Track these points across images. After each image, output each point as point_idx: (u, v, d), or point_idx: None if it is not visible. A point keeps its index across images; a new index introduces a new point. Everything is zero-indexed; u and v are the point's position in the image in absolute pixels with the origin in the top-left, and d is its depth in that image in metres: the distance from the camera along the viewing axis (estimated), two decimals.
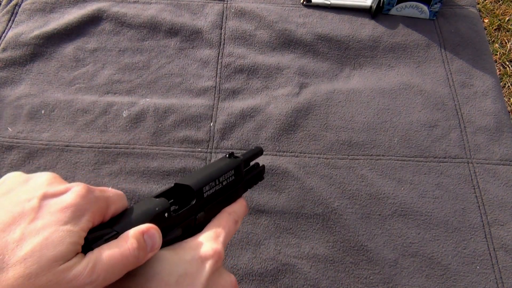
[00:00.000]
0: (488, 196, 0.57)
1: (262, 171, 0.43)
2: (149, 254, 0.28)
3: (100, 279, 0.25)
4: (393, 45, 0.71)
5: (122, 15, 0.72)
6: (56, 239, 0.24)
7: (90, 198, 0.27)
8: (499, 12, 1.71)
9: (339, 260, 0.52)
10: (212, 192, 0.36)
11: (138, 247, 0.27)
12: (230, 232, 0.36)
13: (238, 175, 0.39)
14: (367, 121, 0.63)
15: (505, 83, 1.53)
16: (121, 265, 0.26)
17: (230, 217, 0.37)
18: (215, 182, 0.36)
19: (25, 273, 0.23)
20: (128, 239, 0.27)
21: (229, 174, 0.38)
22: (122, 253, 0.26)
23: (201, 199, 0.35)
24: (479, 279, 0.51)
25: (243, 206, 0.39)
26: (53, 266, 0.23)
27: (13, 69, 0.66)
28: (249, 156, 0.42)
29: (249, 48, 0.70)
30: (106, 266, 0.25)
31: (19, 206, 0.25)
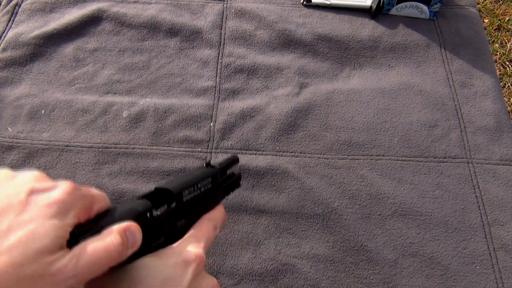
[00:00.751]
0: (488, 196, 0.57)
1: (238, 179, 0.44)
2: (129, 250, 0.29)
3: (83, 273, 0.26)
4: (393, 45, 0.71)
5: (122, 15, 0.72)
6: (42, 232, 0.24)
7: (76, 195, 0.27)
8: (499, 12, 1.71)
9: (339, 260, 0.52)
10: (191, 197, 0.37)
11: (121, 242, 0.27)
12: (210, 238, 0.37)
13: (215, 183, 0.41)
14: (367, 121, 0.63)
15: (505, 83, 1.53)
16: (105, 259, 0.27)
17: (210, 223, 0.38)
18: (194, 188, 0.38)
19: (11, 262, 0.23)
20: (112, 234, 0.27)
21: (206, 181, 0.40)
22: (105, 248, 0.27)
23: (181, 202, 0.36)
24: (479, 279, 0.51)
25: (221, 213, 0.41)
26: (38, 258, 0.24)
27: (13, 69, 0.66)
28: (225, 165, 0.43)
29: (249, 48, 0.70)
30: (90, 260, 0.26)
31: (7, 199, 0.25)
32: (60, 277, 0.25)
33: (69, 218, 0.26)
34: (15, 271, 0.23)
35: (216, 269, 0.50)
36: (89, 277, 0.26)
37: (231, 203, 0.55)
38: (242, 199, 0.55)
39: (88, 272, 0.26)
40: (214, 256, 0.51)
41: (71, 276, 0.25)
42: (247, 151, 0.59)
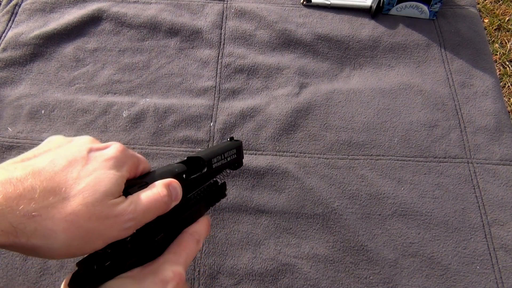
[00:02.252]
0: (488, 196, 0.57)
1: (223, 188, 0.43)
2: (173, 203, 0.33)
3: (139, 217, 0.30)
4: (393, 45, 0.71)
5: (122, 15, 0.72)
6: (106, 179, 0.29)
7: (127, 154, 0.32)
8: (499, 12, 1.71)
9: (339, 260, 0.52)
10: (219, 164, 0.41)
11: (167, 193, 0.32)
12: (191, 253, 0.35)
13: (239, 154, 0.44)
14: (367, 121, 0.63)
15: (505, 83, 1.53)
16: (155, 208, 0.31)
17: (191, 238, 0.36)
18: (221, 157, 0.41)
19: (84, 202, 0.27)
20: (158, 186, 0.32)
21: (232, 152, 0.43)
22: (155, 197, 0.31)
23: (211, 168, 0.39)
24: (479, 279, 0.51)
25: (204, 225, 0.38)
26: (104, 200, 0.28)
27: (13, 69, 0.66)
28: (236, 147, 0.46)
29: (249, 48, 0.70)
30: (144, 207, 0.30)
31: (71, 155, 0.30)
32: (122, 219, 0.29)
33: (124, 171, 0.31)
34: (87, 209, 0.27)
35: (216, 269, 0.50)
36: (142, 223, 0.30)
37: (231, 203, 0.55)
38: (242, 199, 0.55)
39: (143, 217, 0.30)
40: (214, 256, 0.51)
41: (130, 218, 0.29)
42: (247, 151, 0.59)
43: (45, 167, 0.28)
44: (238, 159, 0.45)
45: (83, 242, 0.28)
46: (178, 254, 0.34)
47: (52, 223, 0.26)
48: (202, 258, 0.51)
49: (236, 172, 0.57)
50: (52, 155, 0.30)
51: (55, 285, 0.49)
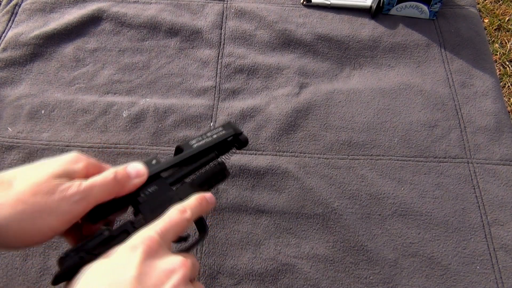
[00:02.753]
0: (488, 196, 0.57)
1: (221, 166, 0.45)
2: (136, 179, 0.37)
3: (86, 192, 0.34)
4: (393, 45, 0.71)
5: (122, 15, 0.72)
6: (51, 164, 0.35)
7: (80, 157, 0.37)
8: (499, 12, 1.71)
9: (339, 260, 0.52)
10: (202, 143, 0.44)
11: (113, 176, 0.36)
12: (173, 221, 0.35)
13: (228, 129, 0.46)
14: (367, 121, 0.63)
15: (505, 83, 1.53)
16: (101, 185, 0.35)
17: (174, 209, 0.37)
18: (203, 137, 0.44)
19: (29, 182, 0.32)
20: (108, 171, 0.37)
21: (217, 130, 0.46)
22: (103, 177, 0.36)
23: (190, 148, 0.43)
24: (479, 279, 0.51)
25: (194, 199, 0.39)
26: (49, 179, 0.33)
27: (13, 69, 0.66)
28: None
29: (249, 48, 0.70)
30: (90, 184, 0.34)
31: None
32: (68, 193, 0.33)
33: (72, 163, 0.36)
34: (32, 187, 0.32)
35: (216, 269, 0.50)
36: (94, 198, 0.34)
37: (231, 203, 0.55)
38: (242, 199, 0.55)
39: (90, 192, 0.34)
40: (214, 256, 0.51)
41: (76, 192, 0.33)
42: (247, 151, 0.59)
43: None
44: (231, 134, 0.46)
45: (34, 217, 0.32)
46: (153, 223, 0.35)
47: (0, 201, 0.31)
48: (202, 258, 0.51)
49: (236, 172, 0.57)
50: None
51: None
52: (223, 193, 0.55)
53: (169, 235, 0.34)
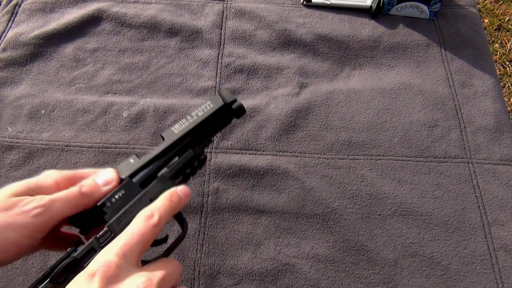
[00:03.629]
0: (488, 196, 0.57)
1: (195, 154, 0.41)
2: (104, 187, 0.37)
3: (48, 205, 0.34)
4: (393, 45, 0.71)
5: (122, 15, 0.72)
6: (11, 186, 0.35)
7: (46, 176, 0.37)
8: (499, 12, 1.71)
9: (339, 260, 0.52)
10: (182, 127, 0.40)
11: (78, 190, 0.36)
12: (136, 233, 0.33)
13: (216, 103, 0.42)
14: (367, 121, 0.63)
15: (505, 83, 1.53)
16: (67, 199, 0.35)
17: (140, 216, 0.34)
18: (183, 121, 0.41)
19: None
20: (74, 187, 0.36)
21: (198, 110, 0.42)
22: (68, 191, 0.35)
23: (172, 135, 0.40)
24: (479, 279, 0.51)
25: (161, 199, 0.36)
26: (9, 197, 0.34)
27: (13, 69, 0.66)
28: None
29: (249, 48, 0.70)
30: (52, 198, 0.34)
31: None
32: (28, 207, 0.33)
33: (34, 182, 0.36)
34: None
35: (216, 269, 0.50)
36: (56, 212, 0.34)
37: (231, 203, 0.55)
38: (242, 199, 0.55)
39: (52, 206, 0.34)
40: (214, 256, 0.51)
41: (36, 206, 0.33)
42: (247, 151, 0.59)
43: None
44: (218, 107, 0.42)
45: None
46: (113, 242, 0.33)
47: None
48: (202, 258, 0.51)
49: (236, 172, 0.57)
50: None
51: None
52: (223, 193, 0.55)
53: (133, 251, 0.32)
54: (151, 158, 0.39)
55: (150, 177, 0.39)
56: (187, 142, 0.41)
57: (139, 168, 0.38)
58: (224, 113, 0.43)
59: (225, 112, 0.43)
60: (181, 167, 0.40)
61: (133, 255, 0.32)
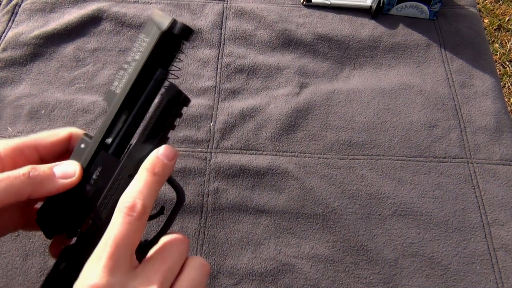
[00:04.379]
0: (488, 196, 0.57)
1: (172, 95, 0.32)
2: (61, 181, 0.31)
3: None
4: (393, 45, 0.71)
5: (122, 15, 0.72)
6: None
7: None
8: (499, 12, 1.71)
9: (339, 260, 0.52)
10: (123, 82, 0.32)
11: (29, 171, 0.30)
12: (120, 237, 0.28)
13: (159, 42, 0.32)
14: (367, 121, 0.63)
15: (505, 83, 1.53)
16: (8, 181, 0.29)
17: (119, 211, 0.28)
18: (122, 71, 0.32)
19: None
20: (27, 166, 0.31)
21: (138, 43, 0.32)
22: (12, 172, 0.30)
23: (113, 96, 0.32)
24: (479, 279, 0.51)
25: (143, 176, 0.30)
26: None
27: (13, 69, 0.66)
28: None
29: (249, 48, 0.70)
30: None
31: None
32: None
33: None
34: None
35: (216, 269, 0.50)
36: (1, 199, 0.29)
37: (231, 203, 0.55)
38: (242, 199, 0.55)
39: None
40: (214, 256, 0.51)
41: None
42: (247, 151, 0.59)
43: None
44: (158, 37, 0.32)
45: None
46: (97, 252, 0.28)
47: None
48: None
49: (236, 172, 0.57)
50: None
51: None
52: (223, 193, 0.55)
53: (122, 259, 0.28)
54: (109, 125, 0.32)
55: (123, 144, 0.32)
56: (151, 88, 0.33)
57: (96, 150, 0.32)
58: (167, 42, 0.33)
59: (168, 41, 0.33)
60: (157, 119, 0.32)
61: (123, 263, 0.28)
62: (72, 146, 0.36)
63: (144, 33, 0.33)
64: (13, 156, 0.32)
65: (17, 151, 0.32)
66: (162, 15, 0.32)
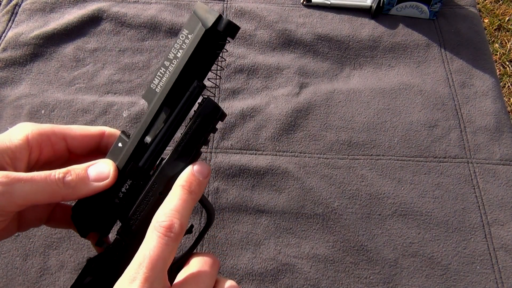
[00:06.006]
0: (488, 196, 0.57)
1: (209, 110, 0.30)
2: (95, 184, 0.30)
3: (9, 186, 0.27)
4: (393, 45, 0.71)
5: (122, 15, 0.72)
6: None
7: None
8: (499, 12, 1.71)
9: (339, 260, 0.52)
10: (164, 81, 0.30)
11: (64, 176, 0.29)
12: (156, 258, 0.26)
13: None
14: (367, 121, 0.63)
15: (505, 83, 1.53)
16: (39, 183, 0.28)
17: (151, 233, 0.27)
18: (162, 70, 0.30)
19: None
20: (57, 171, 0.29)
21: (182, 37, 0.29)
22: (45, 174, 0.28)
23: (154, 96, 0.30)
24: (479, 279, 0.51)
25: (177, 195, 0.28)
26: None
27: (13, 69, 0.66)
28: None
29: (249, 48, 0.70)
30: (17, 178, 0.27)
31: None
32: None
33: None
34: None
35: None
36: (21, 198, 0.27)
37: (231, 203, 0.55)
38: (242, 199, 0.55)
39: (14, 188, 0.27)
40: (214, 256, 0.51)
41: (1, 183, 0.27)
42: (247, 151, 0.59)
43: None
44: (203, 32, 0.29)
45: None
46: (131, 272, 0.26)
47: None
48: None
49: (236, 172, 0.57)
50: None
51: (55, 285, 0.49)
52: (223, 193, 0.55)
53: (158, 278, 0.27)
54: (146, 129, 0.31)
55: (154, 158, 0.30)
56: (191, 94, 0.31)
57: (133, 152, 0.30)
58: (212, 39, 0.31)
59: (213, 38, 0.30)
60: (192, 135, 0.30)
61: (158, 285, 0.27)
62: (104, 145, 0.35)
63: (187, 28, 0.30)
64: (40, 141, 0.31)
65: (44, 136, 0.31)
66: (207, 10, 0.30)
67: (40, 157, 0.31)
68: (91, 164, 0.30)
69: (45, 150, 0.31)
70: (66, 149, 0.33)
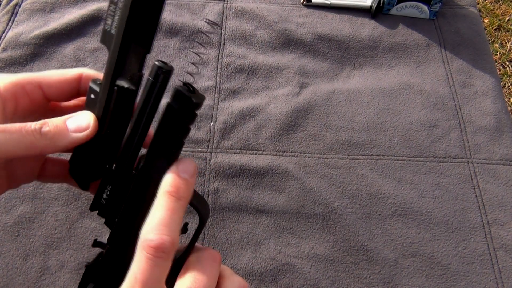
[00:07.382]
0: (488, 196, 0.57)
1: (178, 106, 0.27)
2: (75, 134, 0.28)
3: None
4: (393, 45, 0.71)
5: None
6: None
7: None
8: (499, 12, 1.71)
9: (339, 260, 0.52)
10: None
11: (41, 126, 0.27)
12: (149, 275, 0.24)
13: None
14: (367, 121, 0.63)
15: (505, 83, 1.53)
16: (16, 134, 0.26)
17: (140, 251, 0.25)
18: None
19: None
20: (39, 122, 0.28)
21: None
22: (22, 125, 0.27)
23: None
24: (479, 279, 0.51)
25: (164, 205, 0.25)
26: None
27: (13, 69, 0.66)
28: None
29: (249, 48, 0.70)
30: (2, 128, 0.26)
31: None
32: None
33: None
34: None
35: None
36: (2, 150, 0.26)
37: (231, 203, 0.55)
38: (242, 199, 0.55)
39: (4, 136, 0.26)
40: None
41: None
42: (247, 151, 0.59)
43: None
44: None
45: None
46: (132, 280, 0.24)
47: None
48: None
49: (236, 172, 0.57)
50: None
51: (55, 285, 0.49)
52: (223, 193, 0.55)
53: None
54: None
55: (131, 155, 0.28)
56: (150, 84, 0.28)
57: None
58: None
59: None
60: (164, 133, 0.28)
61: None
62: (83, 88, 0.32)
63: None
64: (14, 92, 0.29)
65: (18, 86, 0.29)
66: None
67: (17, 108, 0.30)
68: (70, 117, 0.29)
69: (21, 100, 0.30)
70: (43, 97, 0.32)
